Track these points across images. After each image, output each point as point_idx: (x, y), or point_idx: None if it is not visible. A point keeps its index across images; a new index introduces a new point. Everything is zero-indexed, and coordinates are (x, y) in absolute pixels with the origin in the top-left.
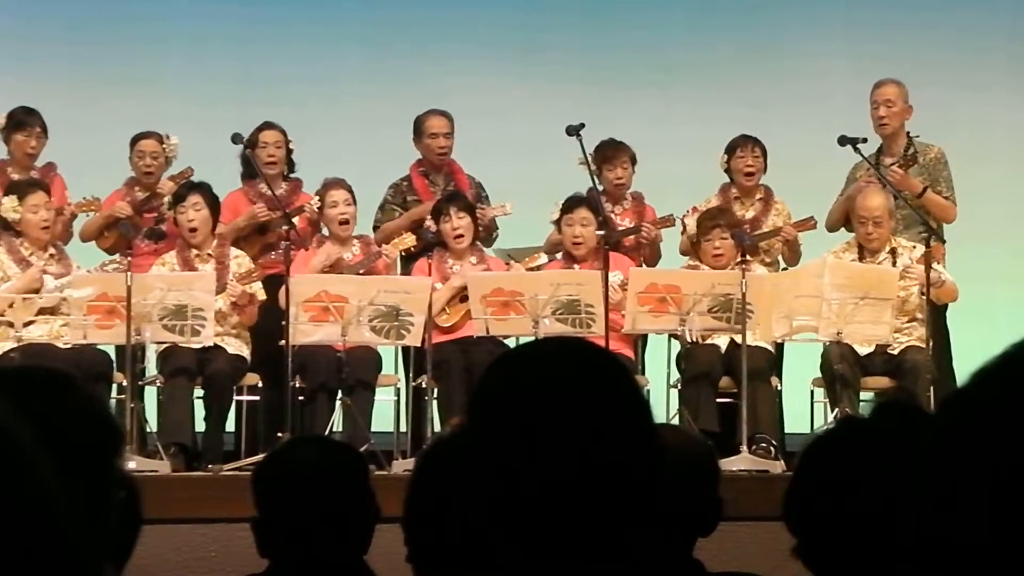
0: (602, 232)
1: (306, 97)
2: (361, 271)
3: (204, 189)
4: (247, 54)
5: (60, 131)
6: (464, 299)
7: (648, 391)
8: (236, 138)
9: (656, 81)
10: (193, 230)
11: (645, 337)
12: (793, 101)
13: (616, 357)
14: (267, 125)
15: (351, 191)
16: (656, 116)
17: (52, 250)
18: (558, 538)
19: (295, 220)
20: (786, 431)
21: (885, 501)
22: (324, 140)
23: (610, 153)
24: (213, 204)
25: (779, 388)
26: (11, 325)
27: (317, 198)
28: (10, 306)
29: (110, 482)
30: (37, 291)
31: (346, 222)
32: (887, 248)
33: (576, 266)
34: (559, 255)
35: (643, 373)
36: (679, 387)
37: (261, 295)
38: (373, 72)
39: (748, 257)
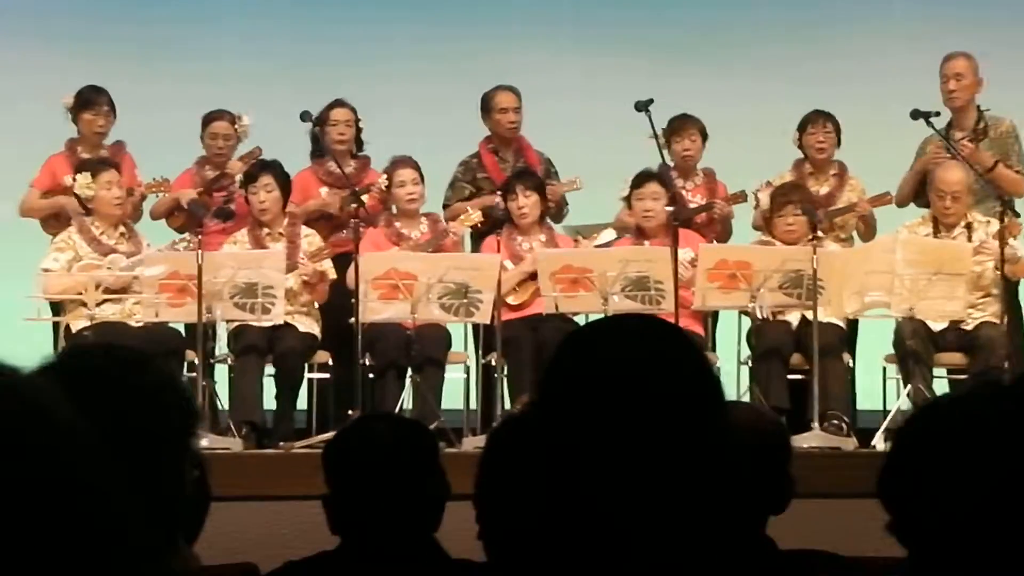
0: (672, 208)
1: (366, 76)
2: (430, 249)
3: (275, 169)
4: (303, 33)
5: (127, 110)
6: (533, 277)
7: (718, 368)
8: (305, 116)
9: (720, 59)
10: (264, 210)
11: (715, 314)
12: (862, 76)
13: (686, 334)
14: (337, 103)
15: (419, 169)
16: (719, 94)
17: (123, 228)
18: (627, 516)
19: (364, 199)
20: (858, 408)
21: (986, 479)
22: (388, 119)
23: (678, 125)
24: (284, 184)
25: (851, 365)
26: (84, 304)
27: (385, 177)
28: (85, 289)
29: (186, 460)
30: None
31: (414, 200)
32: (963, 223)
33: (646, 242)
34: (628, 233)
35: (713, 350)
36: (750, 364)
37: (331, 273)
38: (433, 51)
39: (820, 233)
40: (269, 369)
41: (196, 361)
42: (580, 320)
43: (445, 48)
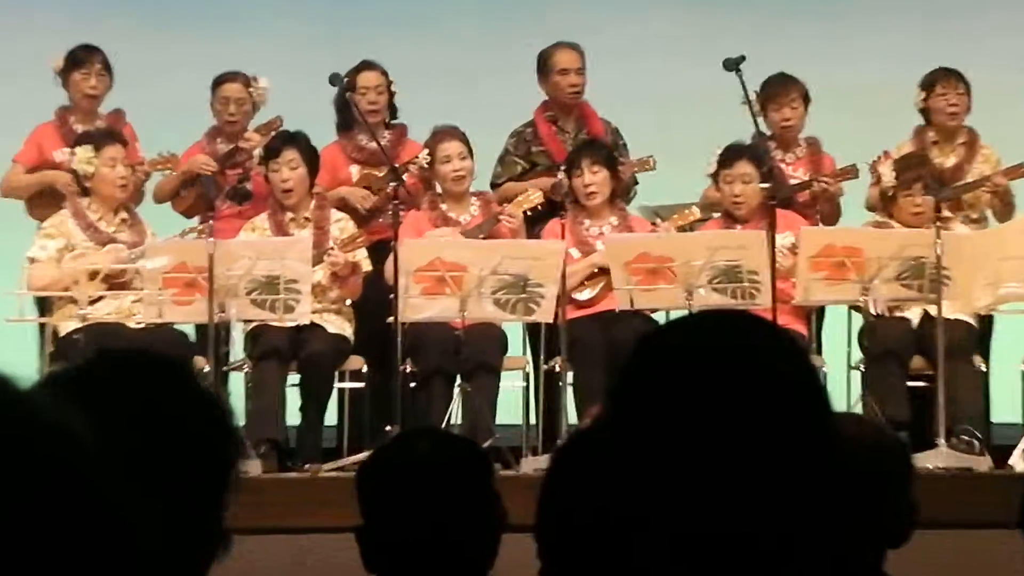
0: (768, 185)
1: (403, 33)
2: (481, 235)
3: (300, 142)
4: None
5: (127, 77)
6: (604, 268)
7: (825, 373)
8: (335, 79)
9: (823, 7)
10: (288, 191)
11: (821, 310)
12: (997, 30)
13: (787, 333)
14: (366, 65)
15: (467, 142)
16: (822, 50)
17: (124, 214)
18: (718, 549)
19: (403, 176)
20: (992, 421)
21: None
22: (428, 83)
23: (776, 90)
24: (311, 160)
25: (983, 369)
26: (74, 302)
27: (427, 151)
28: (75, 282)
29: (226, 491)
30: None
31: (461, 178)
32: None
33: (738, 226)
34: (716, 214)
35: (819, 352)
36: (862, 368)
37: (366, 264)
38: (484, 5)
39: (947, 213)
40: (293, 378)
41: (207, 369)
42: (660, 318)
43: (497, 5)
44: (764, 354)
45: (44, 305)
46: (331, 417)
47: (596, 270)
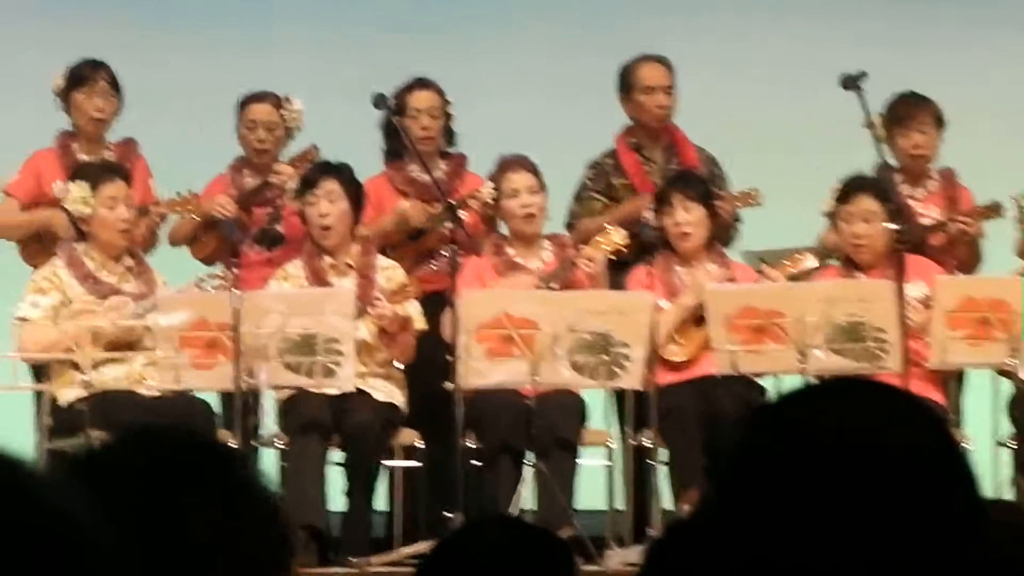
0: (896, 226)
1: (461, 48)
2: (555, 285)
3: (342, 173)
4: None
5: (137, 98)
6: (701, 322)
7: (968, 451)
8: (379, 100)
9: (958, 15)
10: (326, 228)
11: (961, 375)
12: None
13: (924, 404)
14: (419, 84)
15: (538, 174)
16: (958, 65)
17: (129, 260)
18: None
19: (462, 214)
20: None
21: None
22: (490, 106)
23: (905, 112)
24: (354, 195)
25: None
26: (76, 367)
27: (491, 184)
28: (76, 344)
29: None
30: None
31: (532, 216)
32: None
33: (860, 274)
34: (834, 259)
35: (960, 426)
36: (1012, 445)
37: (419, 321)
38: (557, 9)
39: None
40: (335, 455)
41: (233, 445)
42: (768, 384)
43: (574, 5)
44: (898, 430)
45: (40, 371)
46: (380, 501)
47: (689, 320)
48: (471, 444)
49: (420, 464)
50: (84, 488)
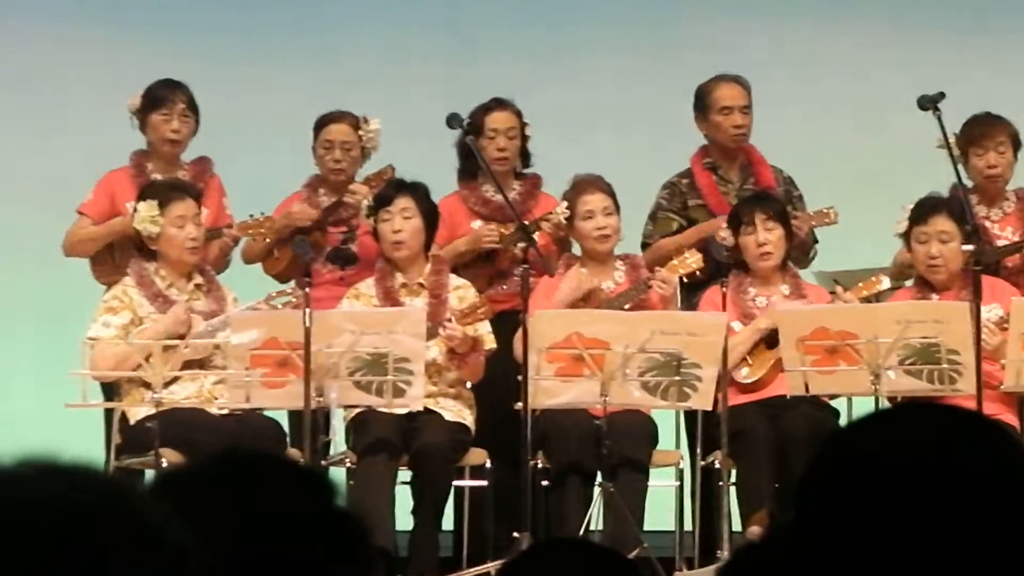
0: (971, 247)
1: (536, 70)
2: (627, 305)
3: (417, 191)
4: (452, 15)
5: (213, 116)
6: (772, 344)
7: None
8: (453, 120)
9: None
10: (399, 243)
11: None
12: None
13: (1001, 428)
14: (497, 104)
15: (613, 195)
16: None
17: (199, 278)
18: None
19: (535, 235)
20: None
21: None
22: (565, 126)
23: (980, 131)
24: (429, 213)
25: None
26: (147, 385)
27: (565, 204)
28: (146, 359)
29: None
30: (182, 337)
31: (606, 237)
32: None
33: (935, 296)
34: (909, 281)
35: None
36: None
37: (489, 340)
38: (632, 30)
39: None
40: (403, 474)
41: (302, 463)
42: (840, 405)
43: (645, 31)
44: (974, 454)
45: (111, 388)
46: (448, 521)
47: (761, 344)
48: (540, 464)
49: (488, 484)
50: (182, 506)
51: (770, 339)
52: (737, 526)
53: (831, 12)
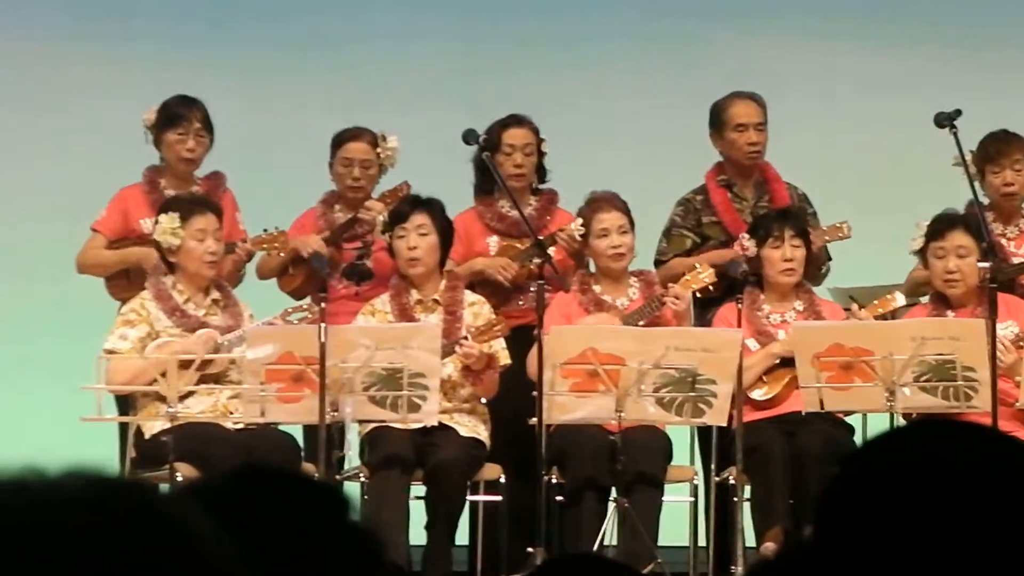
0: (987, 264)
1: (551, 86)
2: (641, 321)
3: (433, 208)
4: (470, 30)
5: (226, 134)
6: (788, 361)
7: None
8: (469, 136)
9: None
10: (414, 260)
11: None
12: None
13: (1019, 443)
14: (514, 120)
15: (628, 212)
16: None
17: (216, 294)
18: None
19: (550, 250)
20: None
21: None
22: (580, 143)
23: (996, 149)
24: (444, 230)
25: None
26: (162, 399)
27: (580, 221)
28: (162, 374)
29: None
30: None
31: (621, 256)
32: None
33: (950, 313)
34: (925, 298)
35: None
36: None
37: (504, 357)
38: (644, 47)
39: None
40: (417, 489)
41: (317, 477)
42: (855, 421)
43: (661, 43)
44: (996, 472)
45: (126, 403)
46: (462, 536)
47: (777, 362)
48: (555, 480)
49: (502, 499)
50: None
51: (787, 360)
52: (751, 542)
53: (845, 30)
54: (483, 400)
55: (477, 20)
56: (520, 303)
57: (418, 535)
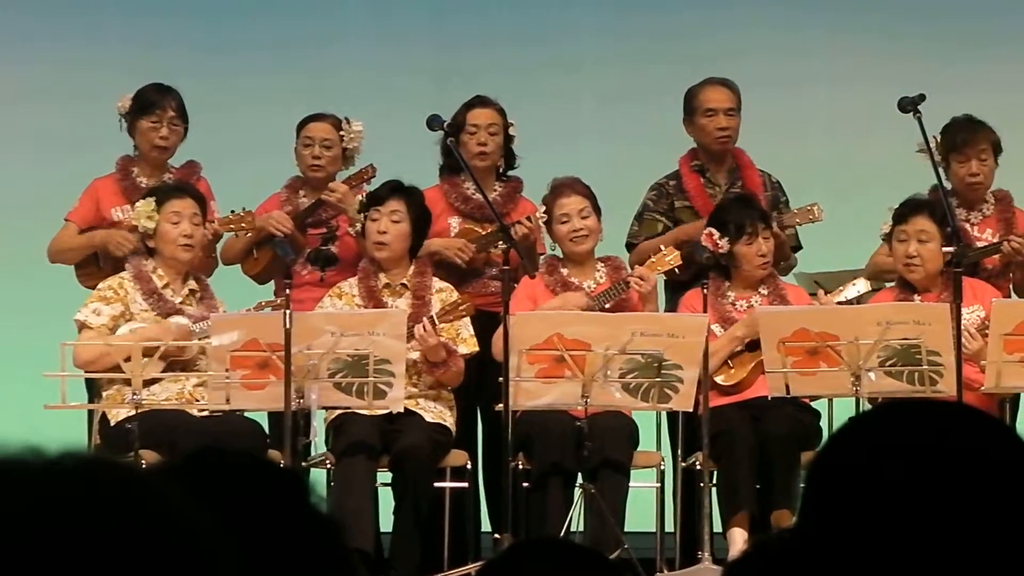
0: (952, 249)
1: (525, 64)
2: (608, 305)
3: (412, 196)
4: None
5: (199, 135)
6: (753, 346)
7: None
8: (434, 122)
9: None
10: (380, 244)
11: (1015, 399)
12: None
13: (1004, 425)
14: (479, 101)
15: (591, 196)
16: (1012, 83)
17: (193, 284)
18: None
19: (515, 237)
20: None
21: None
22: (551, 127)
23: (962, 139)
24: (419, 219)
25: None
26: (128, 383)
27: (543, 207)
28: (126, 359)
29: None
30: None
31: (583, 238)
32: None
33: (916, 297)
34: (889, 284)
35: None
36: None
37: (470, 344)
38: (619, 28)
39: None
40: (384, 475)
41: (283, 464)
42: (821, 406)
43: (637, 24)
44: (976, 450)
45: (95, 387)
46: (429, 522)
47: (742, 347)
48: (521, 465)
49: (469, 485)
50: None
51: (751, 341)
52: (718, 527)
53: (815, 20)
54: (449, 386)
55: (448, 20)
56: (493, 290)
57: (388, 522)
